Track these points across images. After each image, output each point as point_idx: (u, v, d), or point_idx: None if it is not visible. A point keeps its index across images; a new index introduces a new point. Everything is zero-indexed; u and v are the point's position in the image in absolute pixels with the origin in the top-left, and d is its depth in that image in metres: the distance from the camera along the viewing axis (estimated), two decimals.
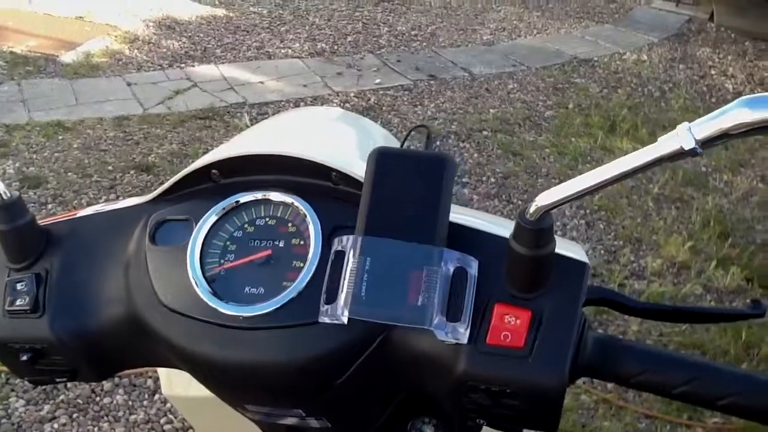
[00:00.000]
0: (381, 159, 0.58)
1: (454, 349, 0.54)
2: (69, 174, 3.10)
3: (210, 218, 0.63)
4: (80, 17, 4.91)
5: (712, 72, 4.96)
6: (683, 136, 0.43)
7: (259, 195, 0.63)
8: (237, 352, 0.58)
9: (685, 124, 0.44)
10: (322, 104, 3.97)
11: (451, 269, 0.55)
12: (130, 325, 0.62)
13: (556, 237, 0.54)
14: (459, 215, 0.59)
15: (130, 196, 3.02)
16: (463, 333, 0.53)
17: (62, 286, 0.64)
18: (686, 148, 0.43)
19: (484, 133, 3.82)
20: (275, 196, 0.63)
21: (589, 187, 0.49)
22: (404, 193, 0.57)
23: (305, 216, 0.61)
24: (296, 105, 3.95)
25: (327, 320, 0.54)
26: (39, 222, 0.67)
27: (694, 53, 5.27)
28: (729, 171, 3.64)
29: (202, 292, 0.59)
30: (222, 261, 0.62)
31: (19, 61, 4.14)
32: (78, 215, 0.69)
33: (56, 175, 3.08)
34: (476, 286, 0.55)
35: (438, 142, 3.64)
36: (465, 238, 0.58)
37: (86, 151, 3.29)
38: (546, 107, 4.19)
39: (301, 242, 0.61)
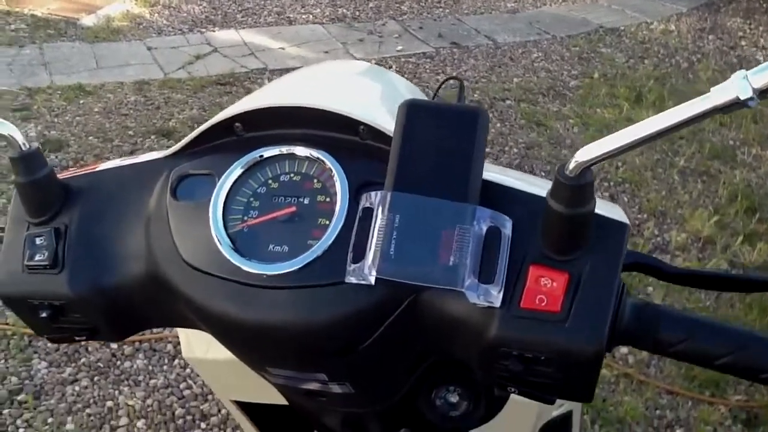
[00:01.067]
0: (411, 112, 0.55)
1: (487, 313, 0.52)
2: (90, 138, 3.10)
3: (233, 173, 0.61)
4: None
5: (743, 43, 4.84)
6: (739, 85, 0.40)
7: (284, 149, 0.61)
8: (260, 312, 0.56)
9: (741, 71, 0.41)
10: None
11: (484, 228, 0.52)
12: (150, 282, 0.61)
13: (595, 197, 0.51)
14: (493, 173, 0.57)
15: None
16: (496, 295, 0.51)
17: (82, 242, 0.62)
18: (743, 98, 0.40)
19: (507, 102, 3.76)
20: (300, 150, 0.61)
21: (634, 141, 0.46)
22: (435, 148, 0.54)
23: (332, 172, 0.59)
24: None
25: (354, 280, 0.52)
26: (58, 176, 0.65)
27: (725, 23, 5.13)
28: (758, 144, 3.56)
29: (225, 249, 0.58)
30: (245, 217, 0.60)
31: (40, 24, 4.13)
32: (98, 169, 0.67)
33: (77, 138, 3.08)
34: (510, 246, 0.52)
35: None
36: (498, 197, 0.55)
37: (107, 115, 3.29)
38: (571, 77, 4.12)
39: (327, 199, 0.59)
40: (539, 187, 0.55)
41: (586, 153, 0.47)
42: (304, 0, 4.96)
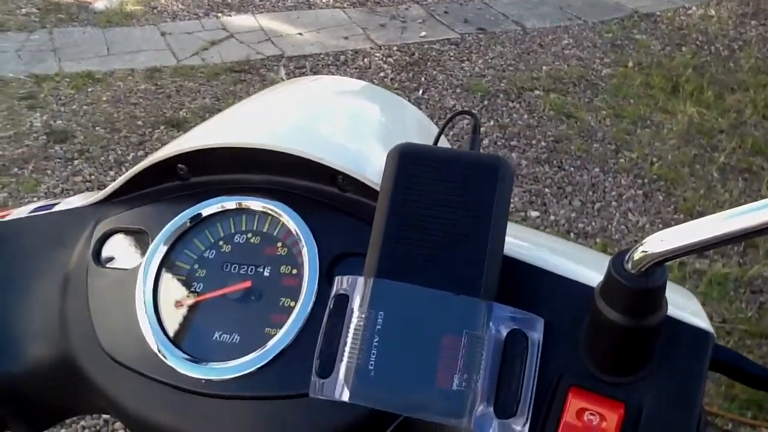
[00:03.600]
0: (404, 163, 0.39)
1: None
2: (97, 128, 2.98)
3: (171, 231, 0.46)
4: None
5: None
6: None
7: (233, 203, 0.46)
8: (198, 427, 0.41)
9: None
10: (363, 59, 3.76)
11: (504, 333, 0.37)
12: (64, 371, 0.46)
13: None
14: (517, 245, 0.41)
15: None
16: None
17: None
18: None
19: (536, 92, 3.57)
20: (257, 204, 0.45)
21: (726, 234, 0.30)
22: (437, 216, 0.38)
23: (298, 236, 0.44)
24: (336, 59, 3.74)
25: (320, 397, 0.37)
26: None
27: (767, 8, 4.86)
28: None
29: (156, 340, 0.43)
30: (186, 293, 0.45)
31: (51, 8, 4.01)
32: (9, 217, 0.53)
33: (84, 129, 2.96)
34: (540, 358, 0.37)
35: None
36: (525, 283, 0.39)
37: (116, 104, 3.16)
38: (603, 65, 3.90)
39: (294, 271, 0.44)
40: (587, 266, 0.39)
41: (658, 243, 0.31)
42: None
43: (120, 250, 0.48)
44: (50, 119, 3.01)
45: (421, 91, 3.49)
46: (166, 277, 0.45)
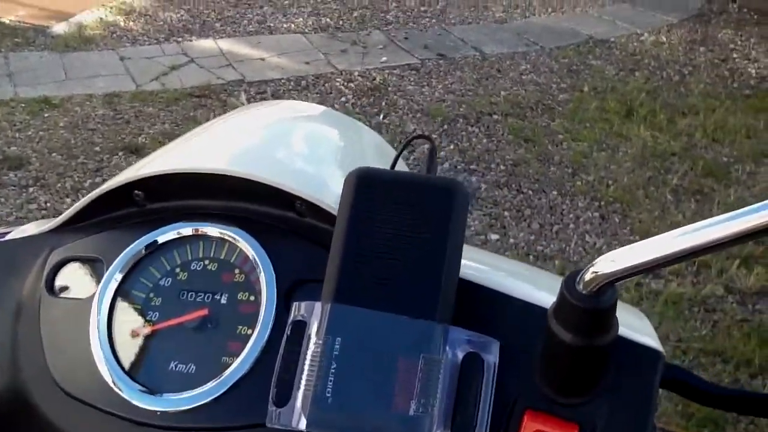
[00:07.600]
0: (361, 187, 0.40)
1: None
2: (53, 155, 2.93)
3: (126, 260, 0.46)
4: None
5: (734, 55, 4.73)
6: None
7: (189, 229, 0.46)
8: None
9: None
10: (324, 84, 3.78)
11: (460, 356, 0.37)
12: (13, 402, 0.45)
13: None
14: (473, 268, 0.42)
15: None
16: None
17: None
18: None
19: (495, 116, 3.62)
20: (214, 230, 0.45)
21: (674, 253, 0.31)
22: (394, 239, 0.39)
23: (255, 262, 0.44)
24: (297, 84, 3.76)
25: (277, 427, 0.37)
26: None
27: (716, 35, 5.03)
28: (752, 162, 3.43)
29: (110, 372, 0.42)
30: (142, 322, 0.44)
31: (6, 32, 3.95)
32: None
33: (40, 155, 2.91)
34: (496, 381, 0.37)
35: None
36: (481, 306, 0.40)
37: (73, 130, 3.12)
38: (560, 90, 3.99)
39: (252, 298, 0.44)
40: (542, 289, 0.40)
41: (608, 264, 0.32)
42: (286, 9, 4.81)
43: (74, 278, 0.47)
44: (4, 145, 2.95)
45: (382, 116, 3.52)
46: (121, 307, 0.45)
